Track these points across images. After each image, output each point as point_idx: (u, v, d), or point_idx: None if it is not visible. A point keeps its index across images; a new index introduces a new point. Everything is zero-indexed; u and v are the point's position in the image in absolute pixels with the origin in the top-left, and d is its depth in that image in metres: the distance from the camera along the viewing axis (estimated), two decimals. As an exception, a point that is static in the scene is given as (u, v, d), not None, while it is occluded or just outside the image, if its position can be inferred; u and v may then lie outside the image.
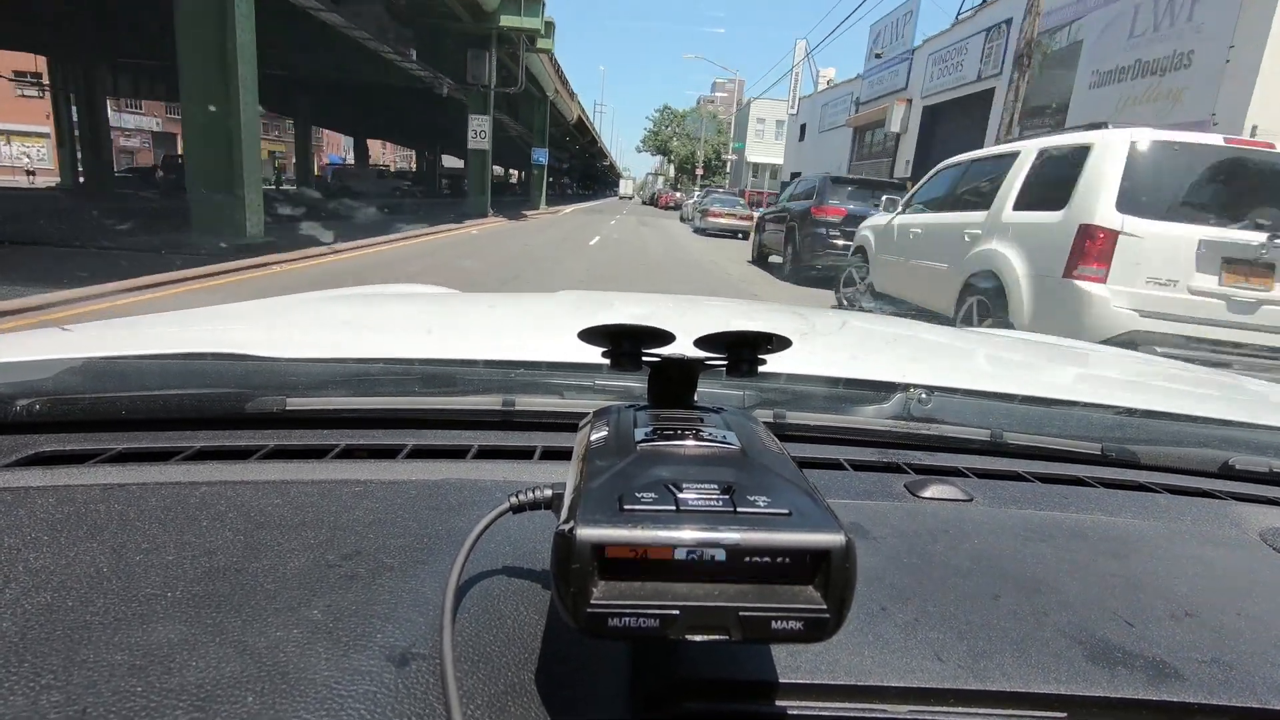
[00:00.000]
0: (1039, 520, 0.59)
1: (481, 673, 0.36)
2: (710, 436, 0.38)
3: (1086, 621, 0.43)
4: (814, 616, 0.28)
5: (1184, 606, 0.46)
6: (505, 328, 1.22)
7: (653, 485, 0.31)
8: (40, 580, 0.40)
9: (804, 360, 0.93)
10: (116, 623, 0.37)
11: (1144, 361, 1.42)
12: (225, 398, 0.67)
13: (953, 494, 0.62)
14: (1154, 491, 0.69)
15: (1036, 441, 0.75)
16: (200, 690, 0.33)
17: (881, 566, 0.48)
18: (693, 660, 0.37)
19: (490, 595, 0.42)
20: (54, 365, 0.75)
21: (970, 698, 0.37)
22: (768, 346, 0.45)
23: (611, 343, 0.45)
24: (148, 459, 0.58)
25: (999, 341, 1.56)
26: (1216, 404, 1.05)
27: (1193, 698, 0.37)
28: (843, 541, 0.28)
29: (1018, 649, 0.40)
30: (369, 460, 0.61)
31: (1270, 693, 0.38)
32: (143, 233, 9.96)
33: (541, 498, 0.39)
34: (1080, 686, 0.38)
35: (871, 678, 0.37)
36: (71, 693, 0.32)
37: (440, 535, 0.48)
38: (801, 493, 0.32)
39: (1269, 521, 0.63)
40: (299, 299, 1.36)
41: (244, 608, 0.39)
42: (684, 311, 1.52)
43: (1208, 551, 0.56)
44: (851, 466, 0.68)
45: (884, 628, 0.41)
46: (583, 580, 0.28)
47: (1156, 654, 0.41)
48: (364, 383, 0.79)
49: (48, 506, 0.49)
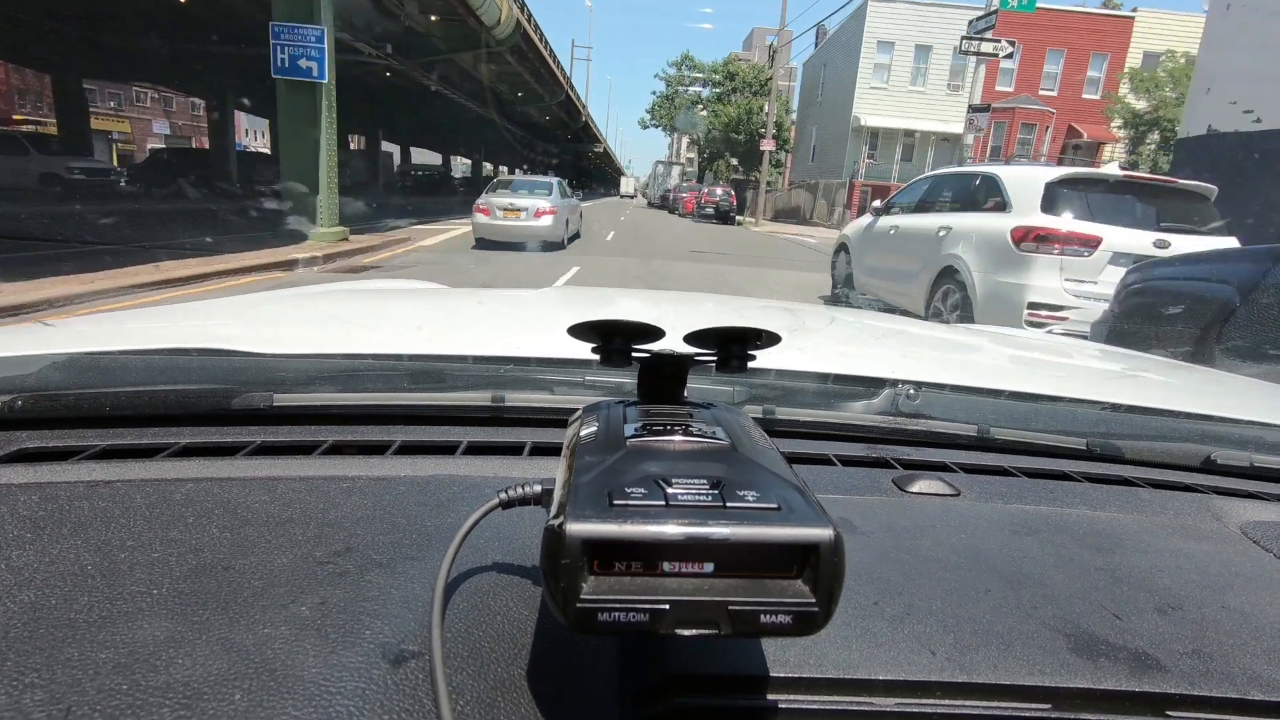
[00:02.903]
0: (1025, 515, 0.59)
1: (471, 669, 0.36)
2: (700, 432, 0.38)
3: (1071, 615, 0.44)
4: (803, 610, 0.28)
5: (1166, 599, 0.47)
6: (495, 323, 1.22)
7: (642, 480, 0.31)
8: (23, 578, 0.40)
9: (793, 356, 0.93)
10: (101, 621, 0.37)
11: (1129, 358, 1.44)
12: (211, 393, 0.66)
13: (940, 489, 0.63)
14: (1138, 486, 0.69)
15: (1023, 437, 0.75)
16: (187, 688, 0.32)
17: (870, 561, 0.49)
18: (682, 655, 0.37)
19: (480, 591, 0.42)
20: (37, 361, 0.74)
21: (957, 690, 0.37)
22: (757, 342, 0.45)
23: (602, 339, 0.45)
24: (132, 455, 0.57)
25: (986, 338, 1.57)
26: (1199, 399, 1.07)
27: (1174, 689, 0.38)
28: (831, 535, 0.28)
29: (1003, 642, 0.41)
30: (357, 456, 0.61)
31: (1250, 683, 0.39)
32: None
33: (531, 493, 0.39)
34: (1064, 678, 0.38)
35: (859, 671, 0.38)
36: (55, 691, 0.32)
37: (429, 531, 0.48)
38: (790, 487, 0.32)
39: (1250, 515, 0.64)
40: (286, 294, 1.35)
41: (231, 605, 0.39)
42: (674, 307, 1.52)
43: (1190, 545, 0.56)
44: (840, 462, 0.68)
45: (872, 622, 0.42)
46: (572, 576, 0.28)
47: (1139, 646, 0.41)
48: (352, 378, 0.78)
49: (30, 503, 0.48)
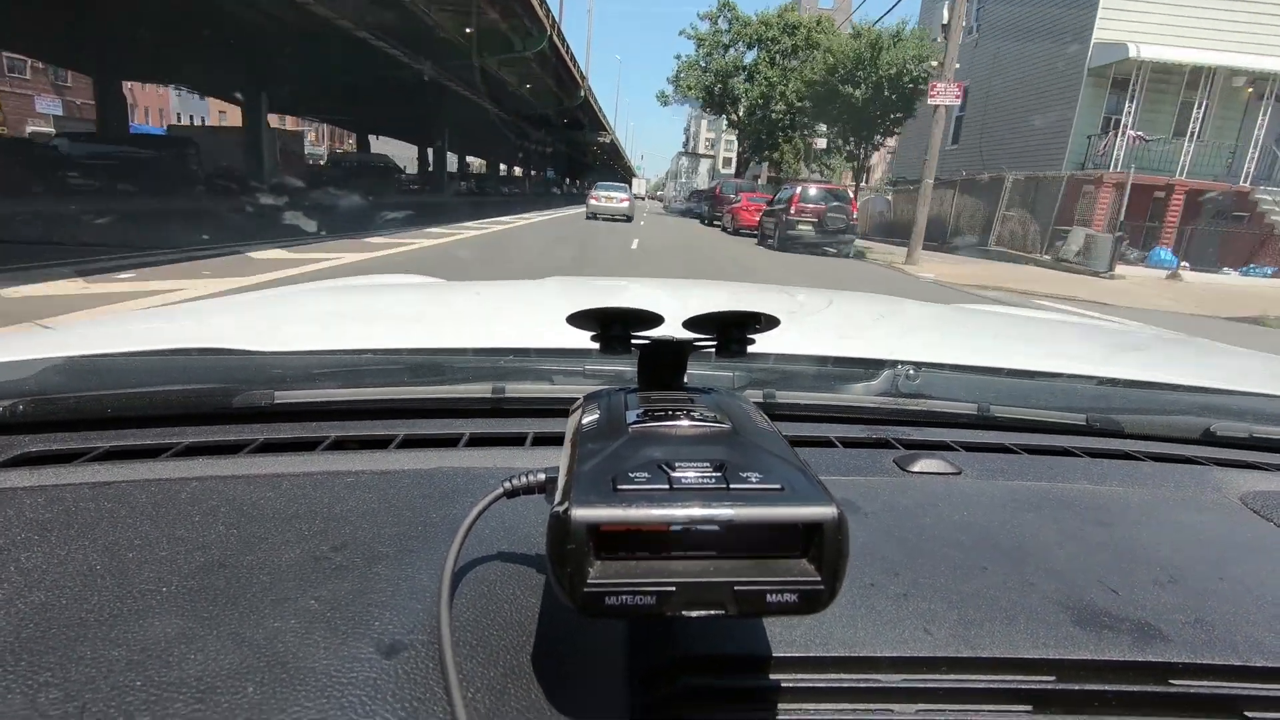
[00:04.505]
0: (1026, 491, 0.60)
1: (480, 657, 0.36)
2: (701, 416, 0.38)
3: (1073, 588, 0.44)
4: (808, 589, 0.28)
5: (1168, 571, 0.47)
6: (494, 315, 1.22)
7: (645, 465, 0.31)
8: (33, 580, 0.40)
9: (793, 340, 0.93)
10: (112, 619, 0.37)
11: (1126, 332, 1.44)
12: (212, 393, 0.66)
13: (942, 468, 0.63)
14: (1138, 459, 0.70)
15: (1023, 414, 0.76)
16: (200, 683, 0.33)
17: (873, 540, 0.49)
18: (689, 636, 0.37)
19: (486, 580, 0.42)
20: (36, 365, 0.74)
21: (961, 665, 0.38)
22: (756, 326, 0.45)
23: (601, 327, 0.45)
24: (136, 456, 0.58)
25: (984, 317, 1.57)
26: (1197, 372, 1.07)
27: (1177, 658, 0.38)
28: (834, 513, 0.29)
29: (1007, 617, 0.41)
30: (360, 451, 0.61)
31: (1252, 650, 0.39)
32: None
33: (535, 482, 0.39)
34: (1067, 651, 0.38)
35: (865, 649, 0.38)
36: (70, 690, 0.32)
37: (434, 523, 0.48)
38: (793, 468, 0.32)
39: (1249, 485, 0.64)
40: (284, 291, 1.35)
41: (240, 600, 0.39)
42: (672, 293, 1.52)
43: (1190, 516, 0.57)
44: (841, 443, 0.68)
45: (876, 600, 0.42)
46: (579, 560, 0.28)
47: (1142, 617, 0.42)
48: (353, 374, 0.78)
49: (36, 507, 0.48)
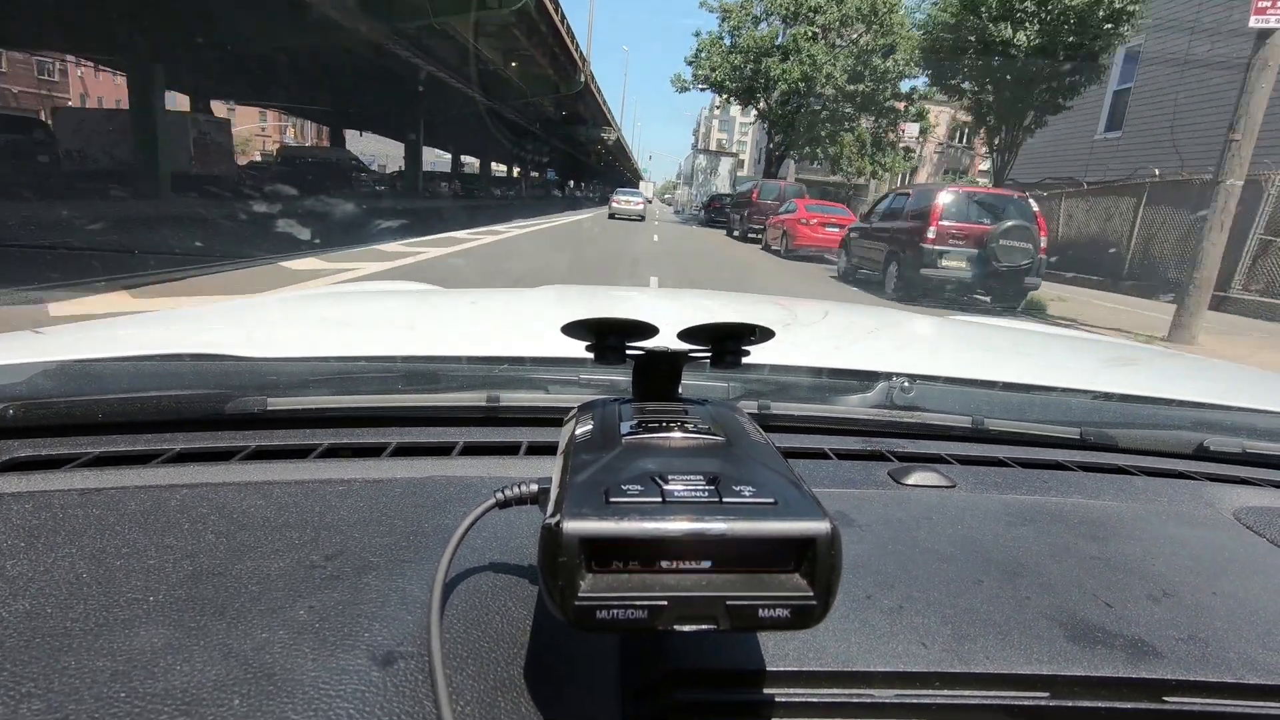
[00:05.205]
0: (1020, 505, 0.60)
1: (470, 669, 0.36)
2: (695, 428, 0.38)
3: (1067, 603, 0.44)
4: (801, 604, 0.28)
5: (1161, 586, 0.47)
6: (489, 323, 1.22)
7: (638, 478, 0.31)
8: (18, 588, 0.39)
9: (788, 351, 0.93)
10: (98, 629, 0.36)
11: (1120, 346, 1.45)
12: (204, 399, 0.66)
13: (936, 481, 0.63)
14: (1131, 474, 0.70)
15: (1017, 427, 0.76)
16: (186, 694, 0.32)
17: (867, 554, 0.49)
18: (682, 651, 0.37)
19: (478, 591, 0.42)
20: (27, 369, 0.73)
21: (955, 680, 0.37)
22: (751, 338, 0.45)
23: (596, 337, 0.45)
24: (126, 462, 0.57)
25: (979, 330, 1.58)
26: (1191, 386, 1.07)
27: (1170, 675, 0.38)
28: (828, 529, 0.28)
29: (1000, 632, 0.41)
30: (353, 459, 0.61)
31: (1244, 668, 0.39)
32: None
33: (528, 493, 0.39)
34: (1061, 666, 0.38)
35: (858, 663, 0.38)
36: (53, 700, 0.32)
37: (426, 533, 0.48)
38: (786, 482, 0.32)
39: (1242, 501, 0.64)
40: (278, 297, 1.35)
41: (228, 610, 0.38)
42: (668, 304, 1.52)
43: (1184, 531, 0.57)
44: (836, 456, 0.68)
45: (870, 614, 0.42)
46: (570, 573, 0.28)
47: (1135, 633, 0.42)
48: (346, 381, 0.78)
49: (24, 513, 0.48)
